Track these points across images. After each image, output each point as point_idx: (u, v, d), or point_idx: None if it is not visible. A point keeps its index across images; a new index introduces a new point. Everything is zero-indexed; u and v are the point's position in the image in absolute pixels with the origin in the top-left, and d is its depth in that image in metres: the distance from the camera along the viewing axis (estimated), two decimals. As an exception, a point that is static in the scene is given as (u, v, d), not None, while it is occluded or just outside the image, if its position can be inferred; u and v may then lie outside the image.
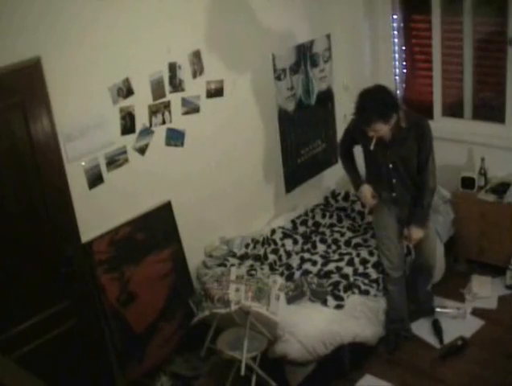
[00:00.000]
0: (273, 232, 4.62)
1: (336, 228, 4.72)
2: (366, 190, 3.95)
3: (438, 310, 4.37)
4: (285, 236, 4.58)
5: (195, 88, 4.07)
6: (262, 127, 4.66)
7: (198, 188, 4.22)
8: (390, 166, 3.81)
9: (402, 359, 4.05)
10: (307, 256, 4.37)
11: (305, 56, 4.82)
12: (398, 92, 5.19)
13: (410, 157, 3.81)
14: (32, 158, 3.24)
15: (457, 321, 4.28)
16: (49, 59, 3.23)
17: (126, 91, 3.68)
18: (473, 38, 4.69)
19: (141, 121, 3.81)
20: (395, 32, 5.07)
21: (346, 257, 4.28)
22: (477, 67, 4.78)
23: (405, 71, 5.17)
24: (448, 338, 4.14)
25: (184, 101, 4.03)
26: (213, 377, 3.87)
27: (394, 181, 3.86)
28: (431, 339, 4.16)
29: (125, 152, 3.76)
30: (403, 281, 4.08)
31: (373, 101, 3.56)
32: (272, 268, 4.29)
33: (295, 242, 4.54)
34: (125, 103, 3.70)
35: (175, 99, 3.97)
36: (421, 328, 4.26)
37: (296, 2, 4.68)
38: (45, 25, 3.21)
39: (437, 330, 4.19)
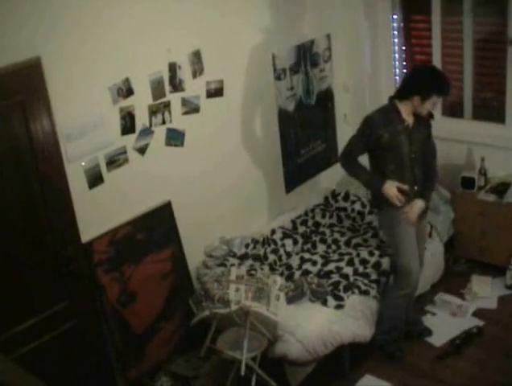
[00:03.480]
0: (273, 232, 4.62)
1: (336, 228, 4.72)
2: (392, 185, 3.67)
3: (439, 302, 4.42)
4: (285, 236, 4.58)
5: (195, 88, 4.07)
6: (262, 127, 4.66)
7: (198, 188, 4.22)
8: (413, 155, 3.74)
9: (403, 360, 4.05)
10: (307, 256, 4.37)
11: (305, 56, 4.82)
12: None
13: (423, 142, 3.82)
14: (32, 158, 3.24)
15: (457, 319, 4.28)
16: (49, 59, 3.23)
17: (126, 91, 3.68)
18: (473, 38, 4.69)
19: (141, 121, 3.81)
20: (395, 32, 5.07)
21: (346, 257, 4.28)
22: (477, 67, 4.78)
23: (405, 71, 5.17)
24: (447, 337, 4.14)
25: (184, 101, 4.03)
26: (213, 377, 3.87)
27: (416, 171, 3.78)
28: (431, 339, 4.16)
29: (125, 152, 3.76)
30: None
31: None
32: (272, 268, 4.29)
33: (295, 242, 4.54)
34: (125, 103, 3.70)
35: (175, 99, 3.97)
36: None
37: (296, 2, 4.68)
38: (45, 25, 3.21)
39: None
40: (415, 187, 3.79)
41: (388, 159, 3.73)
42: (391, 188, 3.68)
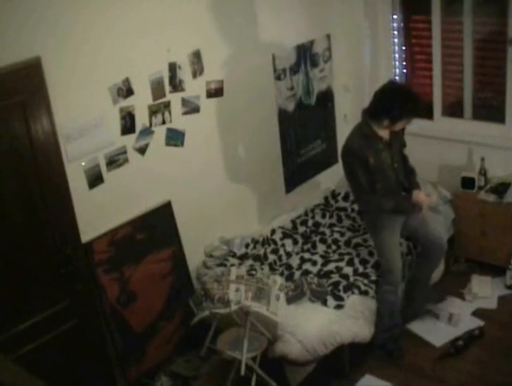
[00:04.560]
0: (273, 232, 4.62)
1: (336, 228, 4.72)
2: (419, 193, 3.78)
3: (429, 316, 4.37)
4: (285, 236, 4.58)
5: (195, 88, 4.07)
6: (262, 127, 4.66)
7: (198, 188, 4.22)
8: (396, 165, 3.76)
9: (402, 358, 4.05)
10: (307, 256, 4.37)
11: (305, 56, 4.82)
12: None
13: (400, 148, 3.85)
14: (32, 158, 3.24)
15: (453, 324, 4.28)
16: (49, 59, 3.23)
17: (126, 91, 3.68)
18: (473, 38, 4.69)
19: (141, 121, 3.81)
20: (395, 32, 5.07)
21: (346, 257, 4.28)
22: (477, 67, 4.78)
23: (405, 71, 5.17)
24: (447, 337, 4.14)
25: (184, 101, 4.03)
26: (213, 377, 3.87)
27: (401, 179, 3.81)
28: (431, 339, 4.16)
29: (125, 152, 3.76)
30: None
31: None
32: (272, 268, 4.29)
33: (295, 242, 4.54)
34: (125, 103, 3.70)
35: (175, 99, 3.97)
36: (421, 327, 4.26)
37: (296, 2, 4.68)
38: (45, 25, 3.21)
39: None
40: (403, 194, 3.83)
41: (375, 179, 3.70)
42: (420, 196, 3.77)
